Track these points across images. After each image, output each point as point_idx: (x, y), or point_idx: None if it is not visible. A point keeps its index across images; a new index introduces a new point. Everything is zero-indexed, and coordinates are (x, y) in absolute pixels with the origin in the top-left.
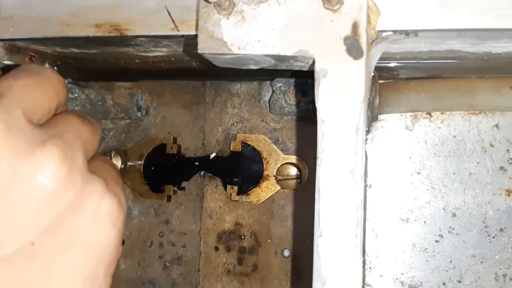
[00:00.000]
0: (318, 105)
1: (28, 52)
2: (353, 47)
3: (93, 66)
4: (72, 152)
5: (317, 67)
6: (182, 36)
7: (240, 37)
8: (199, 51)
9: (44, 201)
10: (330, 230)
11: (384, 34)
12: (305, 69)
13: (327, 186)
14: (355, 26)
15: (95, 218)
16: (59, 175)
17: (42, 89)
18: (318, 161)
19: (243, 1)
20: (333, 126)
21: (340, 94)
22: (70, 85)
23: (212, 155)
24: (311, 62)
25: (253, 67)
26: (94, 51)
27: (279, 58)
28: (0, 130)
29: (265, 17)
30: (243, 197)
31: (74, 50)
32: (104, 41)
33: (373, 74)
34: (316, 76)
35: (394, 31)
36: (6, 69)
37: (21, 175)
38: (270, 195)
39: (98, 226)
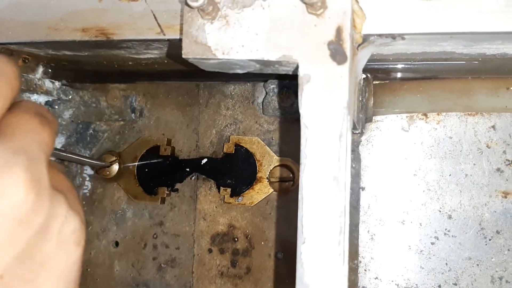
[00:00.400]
0: (302, 110)
1: (22, 55)
2: (337, 52)
3: (87, 68)
4: (39, 172)
5: (300, 72)
6: (168, 40)
7: (224, 42)
8: (183, 56)
9: (11, 231)
10: (313, 237)
11: (370, 38)
12: (290, 73)
13: (310, 193)
14: (339, 31)
15: (60, 240)
16: (27, 201)
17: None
18: (302, 167)
19: (227, 6)
20: (316, 132)
21: (323, 100)
22: (64, 87)
23: (204, 161)
24: (295, 66)
25: (239, 71)
26: (86, 54)
27: (263, 63)
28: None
29: (249, 22)
30: (240, 197)
31: (67, 52)
32: (94, 44)
33: (365, 76)
34: (299, 81)
35: (380, 35)
36: None
37: None
38: (263, 197)
39: (63, 248)
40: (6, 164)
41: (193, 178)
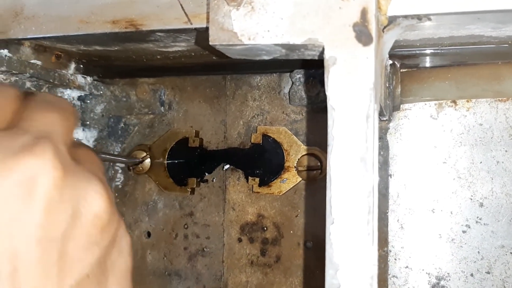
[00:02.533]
0: (328, 92)
1: (54, 51)
2: (362, 34)
3: (116, 63)
4: (110, 192)
5: (326, 55)
6: (195, 29)
7: (250, 28)
8: (210, 43)
9: (95, 237)
10: (342, 217)
11: (396, 19)
12: (316, 57)
13: (338, 174)
14: (364, 13)
15: (120, 249)
16: (107, 212)
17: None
18: (329, 149)
19: None
20: (343, 113)
21: (349, 81)
22: (95, 82)
23: (226, 167)
24: (320, 50)
25: (265, 57)
26: (116, 48)
27: (289, 47)
28: (57, 170)
29: (274, 7)
30: (285, 179)
31: (97, 47)
32: (124, 38)
33: (392, 62)
34: (325, 64)
35: (406, 16)
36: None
37: (80, 213)
38: (291, 186)
39: (122, 256)
40: (90, 179)
41: (213, 180)
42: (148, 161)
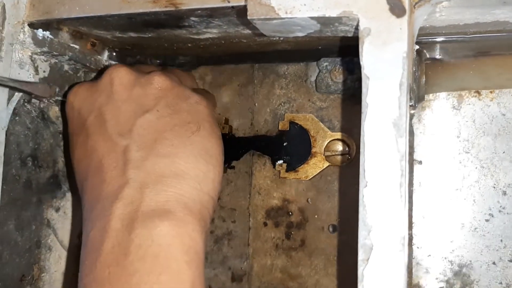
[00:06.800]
0: (362, 62)
1: (90, 39)
2: (395, 6)
3: (148, 52)
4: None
5: (361, 26)
6: (233, 7)
7: (287, 2)
8: (248, 17)
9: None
10: (375, 180)
11: None
12: (349, 34)
13: (371, 139)
14: None
15: (190, 103)
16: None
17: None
18: (363, 116)
19: None
20: (377, 81)
21: (383, 51)
22: None
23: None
24: (355, 24)
25: (299, 34)
26: (150, 35)
27: (324, 20)
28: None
29: None
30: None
31: (132, 34)
32: (159, 23)
33: (418, 47)
34: (360, 35)
35: None
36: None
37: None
38: (318, 172)
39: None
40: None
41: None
42: None
